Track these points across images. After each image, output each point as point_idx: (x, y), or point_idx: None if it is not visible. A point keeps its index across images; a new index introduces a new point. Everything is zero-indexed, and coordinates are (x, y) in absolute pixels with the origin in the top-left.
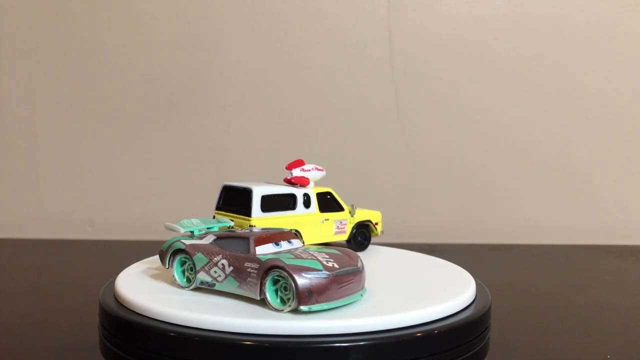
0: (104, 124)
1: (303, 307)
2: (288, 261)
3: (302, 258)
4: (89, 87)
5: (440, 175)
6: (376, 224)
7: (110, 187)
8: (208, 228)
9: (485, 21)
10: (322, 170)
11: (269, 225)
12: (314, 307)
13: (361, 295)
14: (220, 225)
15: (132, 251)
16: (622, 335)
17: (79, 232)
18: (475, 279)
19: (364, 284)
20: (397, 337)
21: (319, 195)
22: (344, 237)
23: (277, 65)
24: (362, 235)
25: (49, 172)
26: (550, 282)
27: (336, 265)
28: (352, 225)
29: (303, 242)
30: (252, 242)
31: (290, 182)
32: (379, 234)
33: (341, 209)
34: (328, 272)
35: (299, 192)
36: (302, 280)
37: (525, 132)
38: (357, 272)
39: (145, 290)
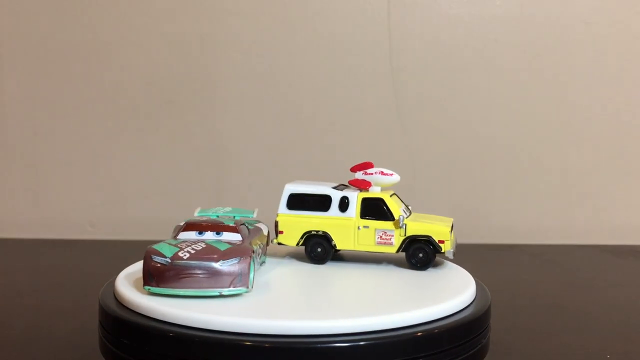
0: (104, 123)
1: (145, 287)
2: (156, 245)
3: (173, 245)
4: (89, 87)
5: (440, 176)
6: (441, 242)
7: (110, 187)
8: (234, 217)
9: (485, 21)
10: (390, 175)
11: (292, 222)
12: (153, 289)
13: (219, 292)
14: (242, 215)
15: (132, 251)
16: (622, 335)
17: (79, 232)
18: (475, 279)
19: (233, 284)
20: (397, 337)
21: (366, 200)
22: (391, 250)
23: (277, 65)
24: (423, 252)
25: (49, 172)
26: (550, 282)
27: (185, 257)
28: (403, 238)
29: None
30: (181, 227)
31: (353, 184)
32: (446, 254)
33: (390, 218)
34: (168, 260)
35: (335, 195)
36: (147, 262)
37: (525, 132)
38: (210, 270)
39: (146, 290)
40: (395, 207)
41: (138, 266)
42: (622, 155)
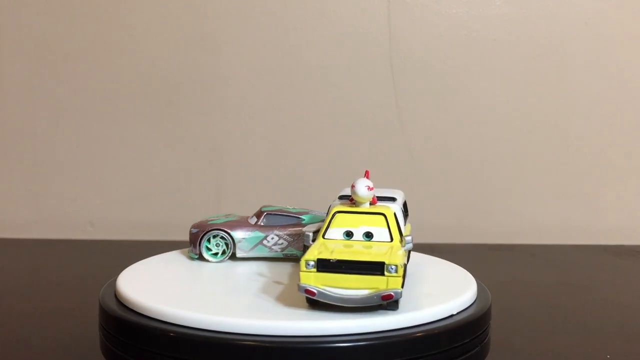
0: (104, 123)
1: None
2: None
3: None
4: (89, 87)
5: (440, 175)
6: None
7: (110, 187)
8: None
9: (485, 21)
10: (352, 186)
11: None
12: None
13: (189, 251)
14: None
15: (132, 251)
16: (622, 335)
17: (79, 232)
18: (475, 279)
19: (192, 250)
20: (397, 337)
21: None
22: None
23: (277, 64)
24: None
25: (49, 172)
26: (550, 282)
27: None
28: None
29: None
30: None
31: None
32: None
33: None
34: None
35: (335, 202)
36: None
37: (525, 132)
38: (189, 233)
39: (146, 290)
40: (326, 223)
41: (138, 266)
42: (621, 156)
